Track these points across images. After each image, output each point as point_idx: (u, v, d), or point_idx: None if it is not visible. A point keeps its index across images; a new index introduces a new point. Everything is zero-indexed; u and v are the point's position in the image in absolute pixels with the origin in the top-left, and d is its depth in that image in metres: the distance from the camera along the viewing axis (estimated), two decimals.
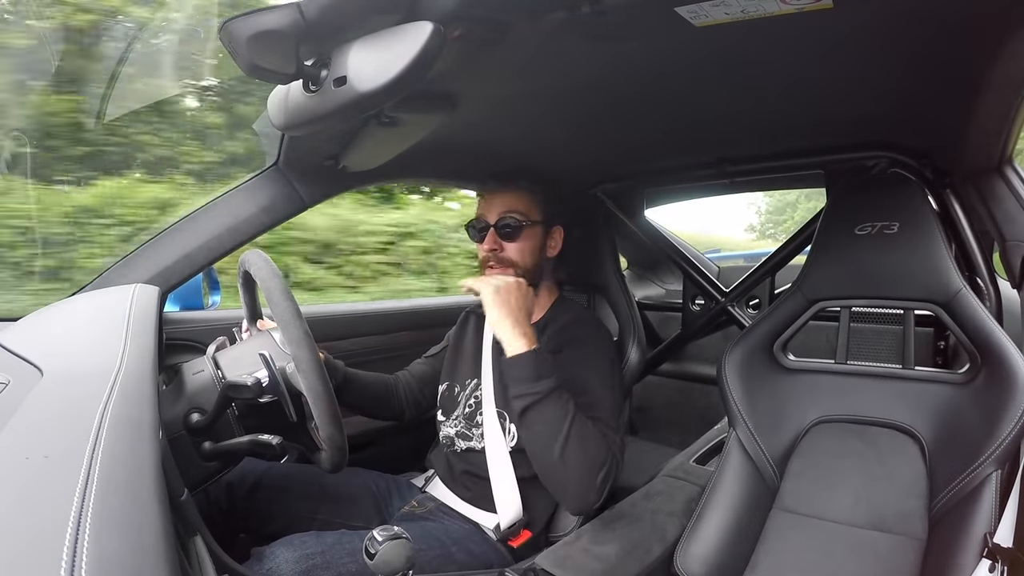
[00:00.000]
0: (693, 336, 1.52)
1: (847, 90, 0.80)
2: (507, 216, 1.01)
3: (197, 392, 0.71)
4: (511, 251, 1.01)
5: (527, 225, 1.01)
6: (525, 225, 1.01)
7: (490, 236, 1.01)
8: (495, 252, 1.01)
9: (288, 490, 0.99)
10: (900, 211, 0.86)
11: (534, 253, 1.03)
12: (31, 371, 0.53)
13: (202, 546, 0.59)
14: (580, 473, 0.83)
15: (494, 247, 1.01)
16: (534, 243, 1.03)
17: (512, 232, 1.01)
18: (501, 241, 1.01)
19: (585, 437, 0.83)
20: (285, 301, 0.68)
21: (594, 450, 0.83)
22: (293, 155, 0.99)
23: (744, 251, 5.83)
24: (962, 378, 0.82)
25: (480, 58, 0.66)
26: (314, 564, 0.78)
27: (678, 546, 0.84)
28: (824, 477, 0.85)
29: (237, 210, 1.00)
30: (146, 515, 0.32)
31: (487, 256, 1.02)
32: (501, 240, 1.01)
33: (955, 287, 0.81)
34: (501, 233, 1.01)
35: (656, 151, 1.21)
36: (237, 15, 0.51)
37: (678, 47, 0.67)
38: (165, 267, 0.94)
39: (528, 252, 1.02)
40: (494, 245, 1.01)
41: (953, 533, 0.70)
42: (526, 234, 1.01)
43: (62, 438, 0.38)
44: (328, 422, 0.67)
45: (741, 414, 0.90)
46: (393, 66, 0.52)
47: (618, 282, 1.24)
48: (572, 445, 0.82)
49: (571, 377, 0.92)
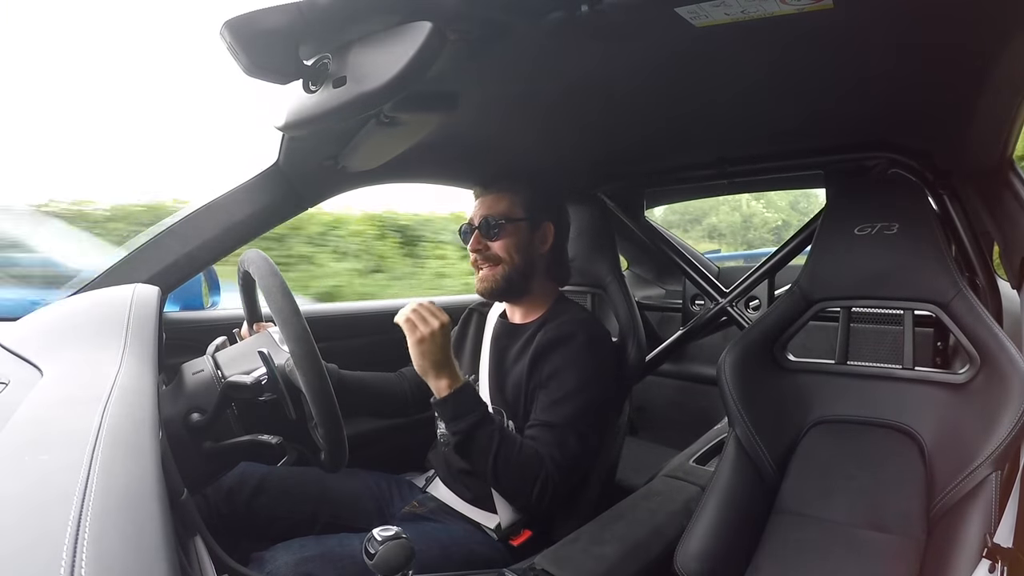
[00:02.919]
0: (693, 336, 1.52)
1: (847, 90, 0.80)
2: (488, 218, 1.04)
3: (197, 392, 0.71)
4: (496, 248, 1.04)
5: (508, 223, 1.03)
6: (505, 223, 1.03)
7: (474, 237, 1.05)
8: (480, 251, 1.04)
9: (289, 493, 0.99)
10: (900, 211, 0.86)
11: (520, 250, 1.04)
12: (31, 371, 0.53)
13: (202, 546, 0.58)
14: (512, 488, 0.92)
15: (478, 247, 1.04)
16: (518, 240, 1.04)
17: (494, 231, 1.03)
18: (485, 240, 1.04)
19: (512, 461, 0.89)
20: (284, 299, 0.68)
21: (524, 470, 0.90)
22: (293, 155, 0.99)
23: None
24: (962, 379, 0.82)
25: (480, 58, 0.66)
26: (314, 567, 0.78)
27: (678, 546, 0.84)
28: (824, 477, 0.85)
29: (237, 210, 0.99)
30: (146, 515, 0.32)
31: (474, 255, 1.05)
32: (485, 239, 1.04)
33: (955, 288, 0.81)
34: (484, 233, 1.04)
35: (656, 151, 1.21)
36: (237, 14, 0.51)
37: (678, 47, 0.66)
38: (165, 267, 0.94)
39: (513, 248, 1.04)
40: (478, 245, 1.04)
41: (953, 533, 0.70)
42: (508, 231, 1.03)
43: (62, 438, 0.38)
44: (328, 421, 0.67)
45: (741, 414, 0.90)
46: (393, 66, 0.52)
47: (618, 282, 1.24)
48: (501, 468, 0.89)
49: (551, 377, 0.96)
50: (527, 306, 1.09)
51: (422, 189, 1.19)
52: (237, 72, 0.55)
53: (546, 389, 0.96)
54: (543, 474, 0.90)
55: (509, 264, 1.03)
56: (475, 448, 0.90)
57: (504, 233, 1.03)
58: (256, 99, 0.78)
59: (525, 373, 0.99)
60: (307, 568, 0.78)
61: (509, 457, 0.89)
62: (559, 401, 0.94)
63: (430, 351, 0.90)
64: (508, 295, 1.08)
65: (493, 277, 1.04)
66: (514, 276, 1.04)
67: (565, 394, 0.94)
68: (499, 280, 1.03)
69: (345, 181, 1.10)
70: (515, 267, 1.04)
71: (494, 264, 1.04)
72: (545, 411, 0.94)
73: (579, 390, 0.94)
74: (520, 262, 1.04)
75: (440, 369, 0.90)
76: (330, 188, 1.10)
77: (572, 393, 0.94)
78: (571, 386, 0.94)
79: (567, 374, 0.95)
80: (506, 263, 1.03)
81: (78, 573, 0.25)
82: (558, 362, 0.96)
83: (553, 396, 0.94)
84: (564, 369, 0.96)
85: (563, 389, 0.94)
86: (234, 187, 1.00)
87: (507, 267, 1.03)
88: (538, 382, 0.97)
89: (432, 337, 0.90)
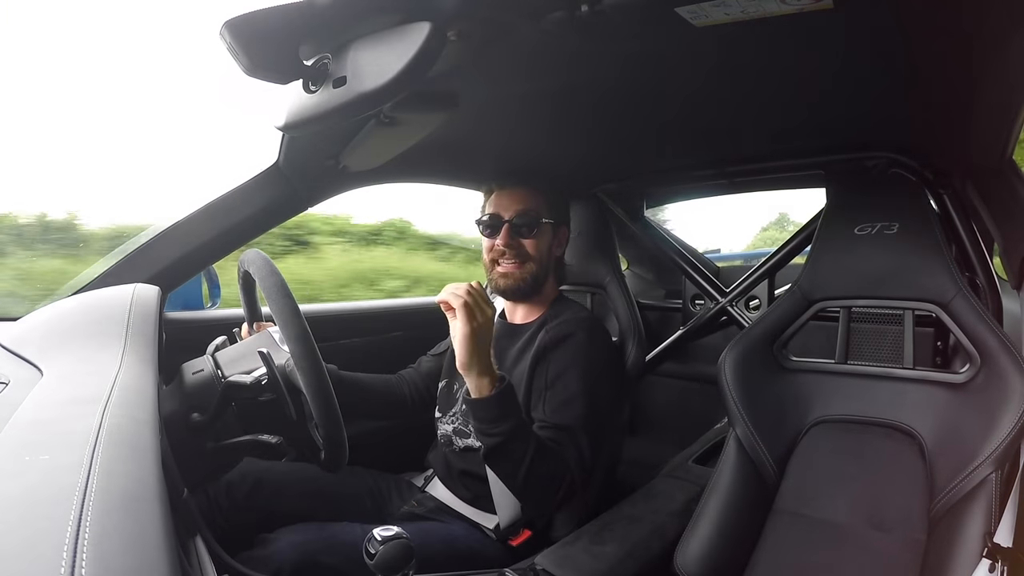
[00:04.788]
0: (693, 336, 1.52)
1: (847, 90, 0.80)
2: (524, 213, 1.02)
3: (197, 391, 0.71)
4: (529, 246, 1.02)
5: (541, 221, 1.03)
6: (540, 221, 1.03)
7: (504, 231, 1.02)
8: (511, 247, 1.02)
9: (288, 489, 0.99)
10: (900, 211, 0.86)
11: (548, 250, 1.05)
12: (31, 371, 0.53)
13: (202, 546, 0.58)
14: (539, 496, 0.89)
15: (509, 242, 1.02)
16: (547, 240, 1.05)
17: (528, 228, 1.02)
18: (517, 237, 1.02)
19: (542, 471, 0.85)
20: (284, 299, 0.68)
21: (553, 474, 0.87)
22: (293, 155, 0.99)
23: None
24: (961, 379, 0.82)
25: (480, 58, 0.66)
26: (317, 549, 0.79)
27: (678, 546, 0.84)
28: (823, 477, 0.85)
29: (237, 210, 0.99)
30: (146, 515, 0.32)
31: (501, 250, 1.03)
32: (516, 236, 1.02)
33: (955, 287, 0.81)
34: (516, 229, 1.02)
35: (656, 151, 1.21)
36: (237, 14, 0.51)
37: (678, 47, 0.66)
38: (165, 267, 0.94)
39: (544, 248, 1.04)
40: (509, 240, 1.02)
41: (953, 533, 0.70)
42: (542, 230, 1.03)
43: (62, 438, 0.38)
44: (328, 421, 0.67)
45: (741, 414, 0.90)
46: (393, 66, 0.52)
47: (618, 282, 1.24)
48: (532, 476, 0.85)
49: (557, 378, 0.95)
50: (530, 306, 1.09)
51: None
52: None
53: (553, 390, 0.95)
54: (568, 478, 0.88)
55: (537, 263, 1.03)
56: (509, 455, 0.84)
57: (537, 232, 1.02)
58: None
59: (527, 373, 0.99)
60: (310, 549, 0.78)
61: (540, 465, 0.85)
62: (568, 402, 0.93)
63: (481, 345, 0.82)
64: (528, 294, 1.07)
65: (520, 275, 1.02)
66: (540, 275, 1.04)
67: (572, 395, 0.93)
68: (526, 278, 1.02)
69: (345, 181, 1.10)
70: (541, 266, 1.04)
71: (522, 262, 1.02)
72: (555, 413, 0.93)
73: (586, 390, 0.94)
74: (547, 262, 1.04)
75: (485, 365, 0.83)
76: (330, 188, 1.10)
77: (580, 393, 0.94)
78: (578, 386, 0.94)
79: (572, 374, 0.95)
80: (534, 261, 1.03)
81: (78, 573, 0.25)
82: (562, 362, 0.96)
83: (561, 397, 0.94)
84: (569, 369, 0.95)
85: (570, 390, 0.94)
86: (234, 187, 1.00)
87: (535, 266, 1.03)
88: (543, 383, 0.97)
89: (485, 328, 0.82)
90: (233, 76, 0.55)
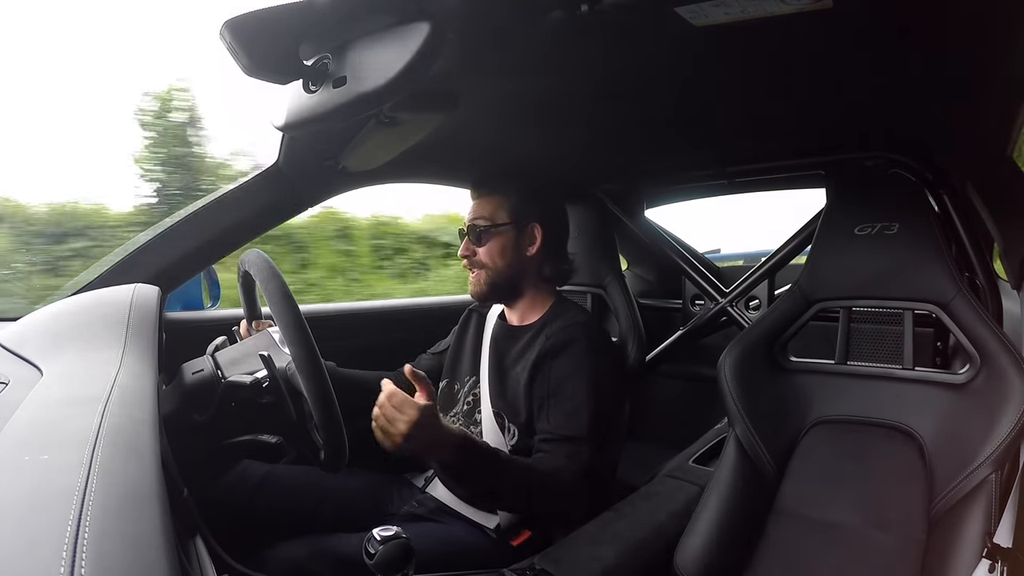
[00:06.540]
0: (693, 336, 1.52)
1: (847, 90, 0.80)
2: (474, 222, 1.05)
3: (197, 392, 0.71)
4: (480, 255, 1.05)
5: (491, 228, 1.04)
6: (490, 228, 1.04)
7: (464, 242, 1.06)
8: (468, 256, 1.06)
9: (288, 492, 0.99)
10: (900, 211, 0.86)
11: (504, 255, 1.04)
12: (31, 371, 0.53)
13: (202, 546, 0.58)
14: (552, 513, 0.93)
15: (467, 252, 1.06)
16: (502, 245, 1.04)
17: (479, 236, 1.04)
18: (473, 246, 1.05)
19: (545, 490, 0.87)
20: (284, 301, 0.68)
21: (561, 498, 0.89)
22: (293, 155, 0.98)
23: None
24: (961, 379, 0.82)
25: (480, 58, 0.66)
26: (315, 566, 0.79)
27: (677, 546, 0.84)
28: (823, 477, 0.85)
29: (237, 210, 0.99)
30: (146, 515, 0.32)
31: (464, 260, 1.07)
32: (473, 245, 1.05)
33: (955, 288, 0.81)
34: (472, 238, 1.05)
35: (656, 151, 1.21)
36: (237, 14, 0.51)
37: (678, 47, 0.66)
38: (165, 267, 0.94)
39: (497, 254, 1.04)
40: (467, 251, 1.06)
41: (953, 533, 0.70)
42: (492, 237, 1.04)
43: (62, 438, 0.38)
44: (328, 422, 0.67)
45: (741, 414, 0.90)
46: (393, 66, 0.52)
47: (618, 282, 1.24)
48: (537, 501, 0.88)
49: (560, 386, 0.94)
50: (523, 308, 1.09)
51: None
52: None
53: (557, 399, 0.94)
54: (576, 489, 0.89)
55: (492, 270, 1.04)
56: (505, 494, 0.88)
57: (488, 239, 1.04)
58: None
59: (526, 377, 0.98)
60: (308, 567, 0.78)
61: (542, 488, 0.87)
62: (573, 413, 0.93)
63: (416, 444, 0.76)
64: (495, 299, 1.09)
65: (478, 281, 1.05)
66: (498, 281, 1.05)
67: (578, 405, 0.93)
68: (483, 285, 1.05)
69: (345, 181, 1.10)
70: (498, 272, 1.04)
71: (479, 269, 1.05)
72: (562, 425, 0.93)
73: (590, 397, 0.94)
74: (504, 267, 1.04)
75: (433, 447, 0.79)
76: (330, 188, 1.10)
77: (585, 402, 0.93)
78: (582, 395, 0.94)
79: (576, 383, 0.94)
80: (489, 268, 1.04)
81: (78, 573, 0.25)
82: (564, 369, 0.95)
83: (566, 408, 0.93)
84: (572, 377, 0.95)
85: (575, 400, 0.93)
86: (234, 187, 1.00)
87: (490, 272, 1.04)
88: (545, 391, 0.96)
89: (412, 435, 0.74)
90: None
